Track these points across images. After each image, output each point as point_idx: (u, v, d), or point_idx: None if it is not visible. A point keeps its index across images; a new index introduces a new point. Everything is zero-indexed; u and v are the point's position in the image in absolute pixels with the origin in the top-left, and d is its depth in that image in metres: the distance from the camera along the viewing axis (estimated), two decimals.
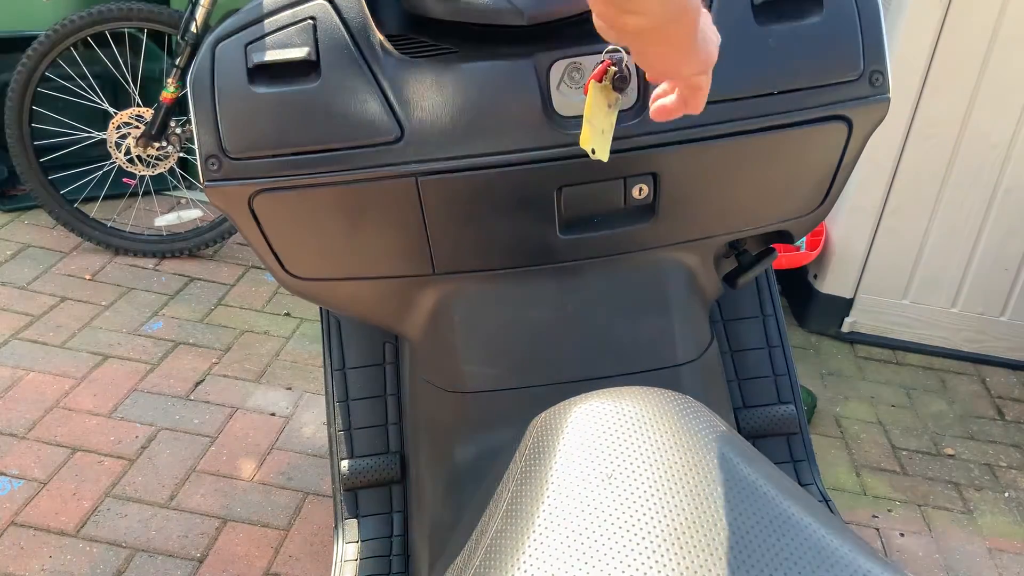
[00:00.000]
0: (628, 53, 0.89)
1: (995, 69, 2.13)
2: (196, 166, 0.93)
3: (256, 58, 0.89)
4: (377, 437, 1.30)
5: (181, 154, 2.46)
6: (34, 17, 2.70)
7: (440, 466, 1.06)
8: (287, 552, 1.68)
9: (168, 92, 2.32)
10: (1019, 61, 2.12)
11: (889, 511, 1.95)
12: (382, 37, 0.93)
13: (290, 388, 2.11)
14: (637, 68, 0.91)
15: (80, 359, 2.11)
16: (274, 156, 0.91)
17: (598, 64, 0.85)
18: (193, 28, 2.21)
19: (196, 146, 0.92)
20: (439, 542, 1.03)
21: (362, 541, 1.27)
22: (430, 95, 0.91)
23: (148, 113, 2.40)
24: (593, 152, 0.87)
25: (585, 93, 0.85)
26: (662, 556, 0.57)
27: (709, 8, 0.92)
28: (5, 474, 1.77)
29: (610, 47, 0.86)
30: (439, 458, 1.06)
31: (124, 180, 2.69)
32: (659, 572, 0.55)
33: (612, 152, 0.92)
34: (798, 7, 0.93)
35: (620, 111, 0.92)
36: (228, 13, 0.95)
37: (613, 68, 0.86)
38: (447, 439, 1.04)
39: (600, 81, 0.85)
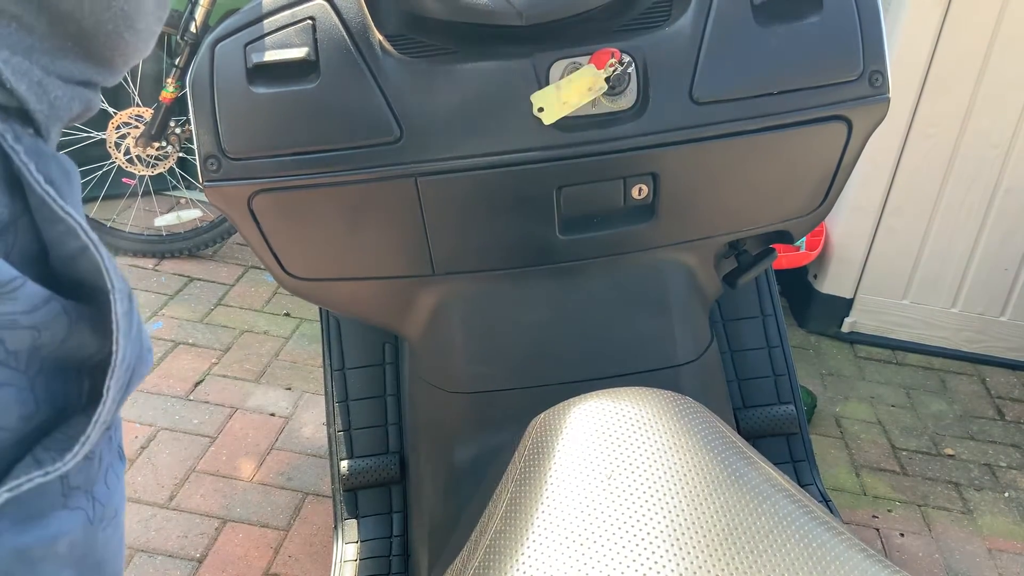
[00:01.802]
0: (635, 61, 0.89)
1: (995, 69, 2.13)
2: (196, 166, 0.93)
3: (255, 58, 0.89)
4: (377, 437, 1.30)
5: (180, 154, 2.46)
6: None
7: (440, 466, 1.06)
8: (287, 552, 1.68)
9: (167, 92, 2.32)
10: (1019, 61, 2.12)
11: (889, 511, 1.95)
12: (381, 37, 0.92)
13: (290, 388, 2.11)
14: (637, 73, 0.91)
15: None
16: (273, 156, 0.90)
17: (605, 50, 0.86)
18: (193, 28, 2.21)
19: (195, 146, 0.92)
20: (439, 542, 1.03)
21: (362, 541, 1.27)
22: (429, 95, 0.91)
23: (148, 113, 2.40)
24: (540, 111, 0.88)
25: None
26: (662, 556, 0.57)
27: (709, 8, 0.92)
28: None
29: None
30: (439, 458, 1.06)
31: (123, 180, 2.68)
32: (659, 572, 0.55)
33: (612, 152, 0.92)
34: (798, 7, 0.93)
35: (620, 112, 0.92)
36: (228, 13, 0.95)
37: (615, 63, 0.86)
38: (447, 439, 1.04)
39: (600, 68, 0.86)
